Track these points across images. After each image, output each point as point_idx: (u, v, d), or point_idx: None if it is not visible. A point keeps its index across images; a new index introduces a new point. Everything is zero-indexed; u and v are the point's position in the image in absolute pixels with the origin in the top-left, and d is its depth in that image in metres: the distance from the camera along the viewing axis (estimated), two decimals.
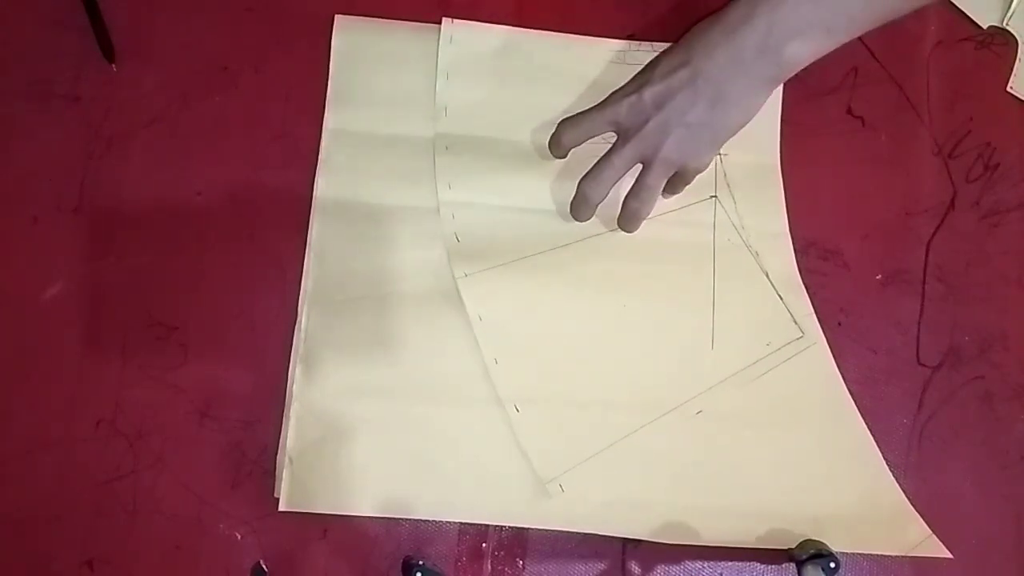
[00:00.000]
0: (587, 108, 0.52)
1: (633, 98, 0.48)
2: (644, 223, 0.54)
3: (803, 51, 0.44)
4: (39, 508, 0.50)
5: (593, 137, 0.52)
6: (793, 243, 0.55)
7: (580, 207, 0.52)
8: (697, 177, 0.55)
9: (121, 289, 0.53)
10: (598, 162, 0.51)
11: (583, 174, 0.52)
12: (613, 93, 0.51)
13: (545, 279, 0.53)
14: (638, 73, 0.50)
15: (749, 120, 0.48)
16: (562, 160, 0.54)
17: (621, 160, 0.50)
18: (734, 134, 0.49)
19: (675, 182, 0.53)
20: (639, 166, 0.52)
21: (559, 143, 0.52)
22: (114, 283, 0.53)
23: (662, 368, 0.53)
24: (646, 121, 0.47)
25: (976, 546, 0.51)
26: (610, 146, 0.52)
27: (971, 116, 0.58)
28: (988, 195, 0.57)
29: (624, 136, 0.49)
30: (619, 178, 0.50)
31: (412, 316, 0.52)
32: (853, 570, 0.51)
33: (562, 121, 0.52)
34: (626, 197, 0.52)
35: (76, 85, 0.55)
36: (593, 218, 0.53)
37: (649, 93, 0.47)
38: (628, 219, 0.52)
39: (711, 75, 0.45)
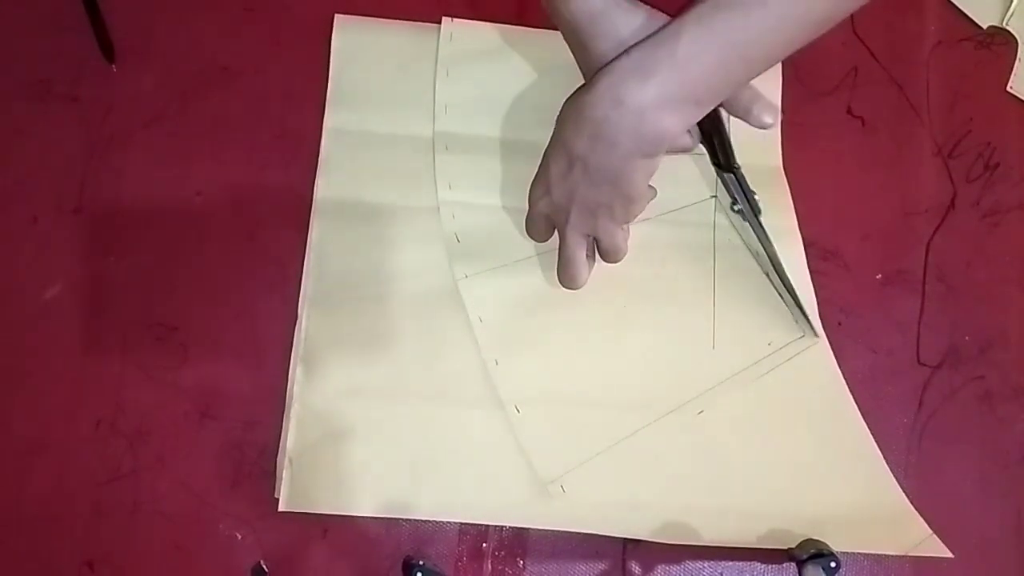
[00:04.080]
0: (526, 213, 0.52)
1: (545, 200, 0.50)
2: (643, 223, 0.53)
3: (676, 125, 0.46)
4: (39, 508, 0.50)
5: (549, 226, 0.51)
6: None
7: (571, 286, 0.52)
8: (697, 177, 0.55)
9: (121, 289, 0.53)
10: (560, 258, 0.51)
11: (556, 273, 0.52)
12: (531, 192, 0.50)
13: (546, 280, 0.53)
14: (540, 170, 0.50)
15: (652, 174, 0.48)
16: None
17: (573, 243, 0.50)
18: (648, 182, 0.49)
19: None
20: None
21: (535, 239, 0.53)
22: (114, 283, 0.53)
23: (663, 368, 0.53)
24: (569, 212, 0.49)
25: (976, 546, 0.51)
26: None
27: (971, 116, 0.58)
28: (988, 195, 0.57)
29: (560, 227, 0.50)
30: (585, 253, 0.51)
31: (412, 316, 0.52)
32: (853, 570, 0.51)
33: (525, 225, 0.52)
34: (599, 256, 0.52)
35: (76, 85, 0.55)
36: None
37: (557, 193, 0.49)
38: (611, 261, 0.52)
39: (598, 165, 0.47)
